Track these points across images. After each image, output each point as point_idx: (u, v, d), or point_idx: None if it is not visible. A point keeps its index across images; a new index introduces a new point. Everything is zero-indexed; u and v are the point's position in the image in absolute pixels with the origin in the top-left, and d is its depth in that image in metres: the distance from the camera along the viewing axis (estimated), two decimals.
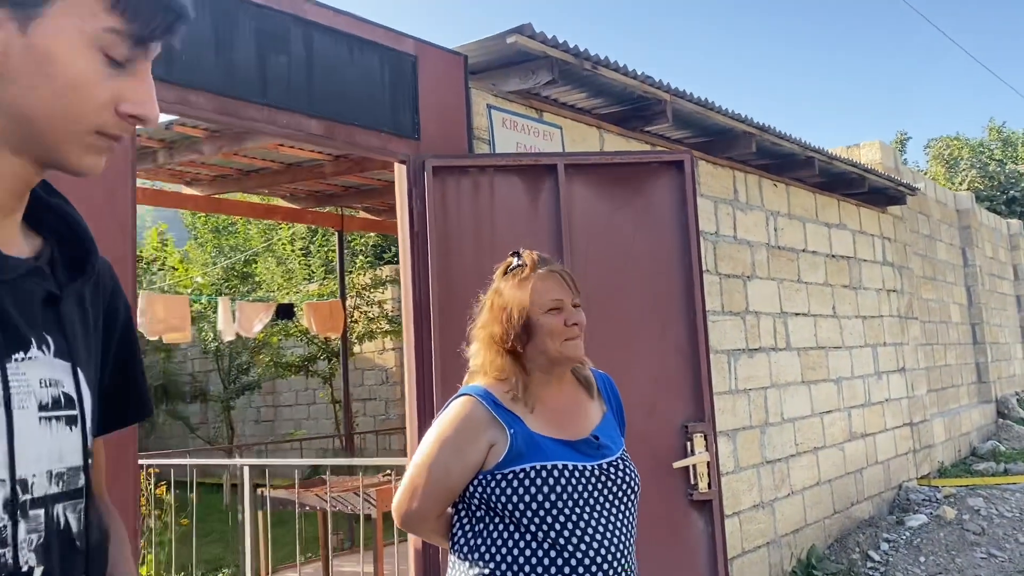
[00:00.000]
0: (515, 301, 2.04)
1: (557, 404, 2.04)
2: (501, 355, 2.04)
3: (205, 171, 7.25)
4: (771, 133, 6.07)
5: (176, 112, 3.00)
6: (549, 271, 2.07)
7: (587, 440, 2.00)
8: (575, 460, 1.95)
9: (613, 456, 2.01)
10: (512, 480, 1.93)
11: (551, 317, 2.01)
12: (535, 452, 1.94)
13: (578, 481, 1.93)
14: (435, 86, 3.96)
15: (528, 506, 1.90)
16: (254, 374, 12.21)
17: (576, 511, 1.91)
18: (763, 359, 6.36)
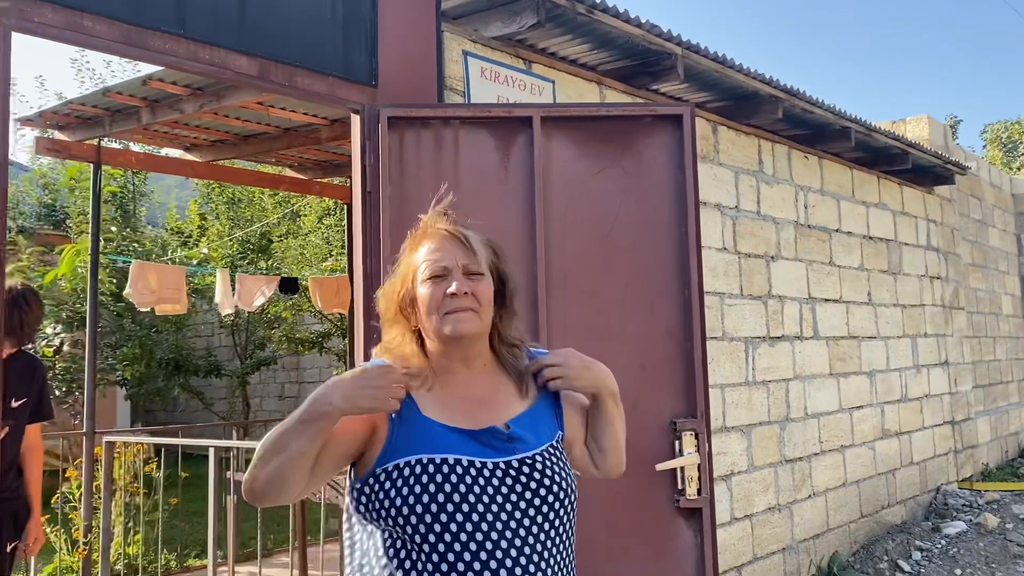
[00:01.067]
0: (405, 267, 1.65)
1: (467, 392, 1.61)
2: (401, 330, 1.65)
3: (204, 136, 6.89)
4: (801, 98, 5.48)
5: (67, 40, 2.56)
6: (436, 230, 1.64)
7: (492, 429, 1.56)
8: (474, 455, 1.52)
9: (529, 451, 1.56)
10: (386, 480, 1.50)
11: (429, 287, 1.59)
12: (419, 441, 1.52)
13: (474, 481, 1.49)
14: (399, 26, 3.48)
15: (406, 516, 1.47)
16: (270, 350, 11.91)
17: (471, 523, 1.47)
18: (786, 348, 5.79)
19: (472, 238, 1.64)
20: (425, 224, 1.68)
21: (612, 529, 3.23)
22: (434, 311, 1.57)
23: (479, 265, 1.61)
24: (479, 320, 1.59)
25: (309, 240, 10.88)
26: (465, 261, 1.60)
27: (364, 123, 3.31)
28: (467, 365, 1.63)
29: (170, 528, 7.18)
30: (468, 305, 1.57)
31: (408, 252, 1.67)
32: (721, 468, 5.11)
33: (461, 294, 1.56)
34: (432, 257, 1.60)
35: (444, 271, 1.58)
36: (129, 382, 10.36)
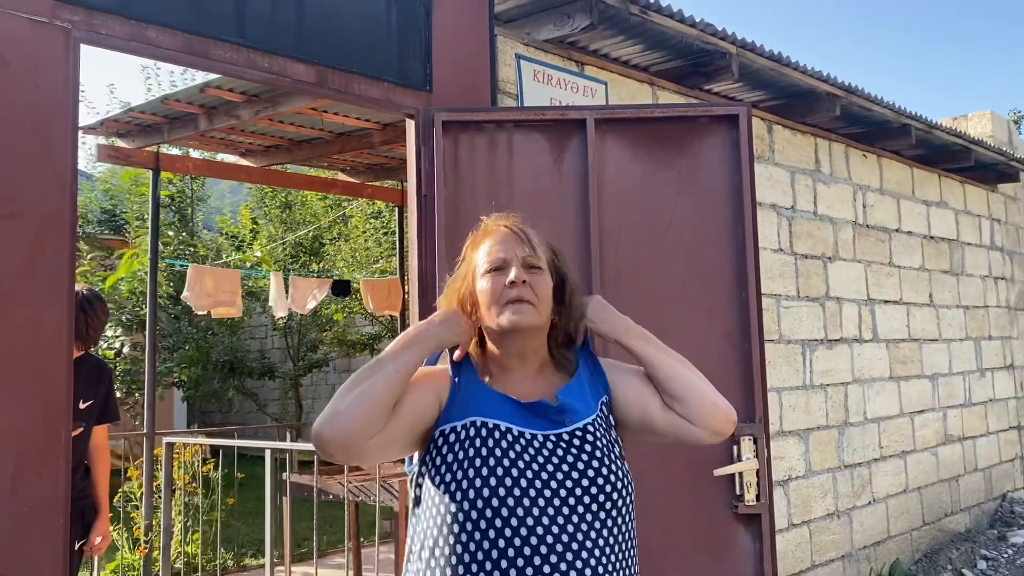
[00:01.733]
0: (464, 267, 1.68)
1: (522, 386, 1.62)
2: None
3: (258, 142, 7.02)
4: (859, 95, 5.36)
5: (131, 51, 2.62)
6: (495, 227, 1.67)
7: (541, 403, 1.56)
8: (524, 426, 1.53)
9: (580, 421, 1.55)
10: (443, 444, 1.53)
11: (489, 279, 1.60)
12: (475, 404, 1.54)
13: (524, 450, 1.49)
14: (453, 32, 3.49)
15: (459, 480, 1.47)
16: (322, 352, 12.06)
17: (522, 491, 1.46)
18: (844, 351, 5.68)
19: (531, 234, 1.66)
20: (486, 224, 1.70)
21: (669, 533, 3.20)
22: (493, 302, 1.58)
23: (538, 259, 1.62)
24: (536, 313, 1.58)
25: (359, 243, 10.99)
26: (524, 254, 1.61)
27: (419, 128, 3.32)
28: (523, 361, 1.63)
29: (227, 527, 7.30)
30: (526, 296, 1.57)
31: (468, 251, 1.69)
32: (778, 473, 5.02)
33: (520, 282, 1.56)
34: (492, 251, 1.62)
35: (503, 263, 1.59)
36: (186, 384, 10.57)
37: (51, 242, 2.37)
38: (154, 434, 6.20)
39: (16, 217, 2.31)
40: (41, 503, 2.32)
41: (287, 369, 12.06)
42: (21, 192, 2.33)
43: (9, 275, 2.29)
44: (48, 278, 2.35)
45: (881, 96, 5.56)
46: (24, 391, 2.30)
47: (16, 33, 2.36)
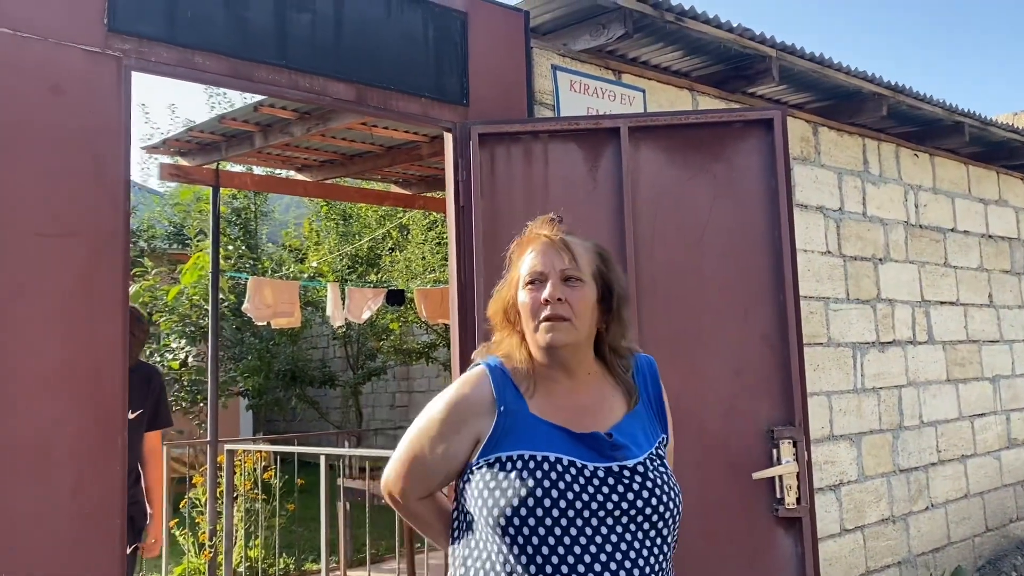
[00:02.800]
0: (510, 274, 1.67)
1: (569, 400, 1.61)
2: (507, 334, 1.66)
3: (313, 157, 7.21)
4: (907, 94, 5.28)
5: (179, 76, 2.77)
6: (537, 235, 1.64)
7: (595, 435, 1.55)
8: (576, 456, 1.52)
9: (632, 459, 1.55)
10: (487, 472, 1.52)
11: (527, 293, 1.59)
12: (524, 437, 1.53)
13: (574, 481, 1.49)
14: (489, 46, 3.58)
15: (502, 509, 1.47)
16: (380, 360, 12.26)
17: (569, 522, 1.47)
18: (897, 354, 5.59)
19: (574, 244, 1.62)
20: (530, 231, 1.67)
21: (709, 537, 3.21)
22: (531, 317, 1.57)
23: (579, 271, 1.58)
24: (574, 330, 1.56)
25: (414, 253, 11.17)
26: (563, 267, 1.57)
27: (456, 141, 3.42)
28: (569, 374, 1.61)
29: (288, 533, 7.50)
30: (562, 313, 1.55)
31: (514, 257, 1.67)
32: (829, 478, 4.97)
33: (554, 300, 1.54)
34: (531, 262, 1.60)
35: (541, 276, 1.57)
36: (249, 393, 10.86)
37: (106, 259, 2.52)
38: (217, 442, 6.41)
39: (73, 236, 2.47)
40: (99, 506, 2.46)
41: (348, 377, 12.30)
42: (77, 213, 2.48)
43: (67, 292, 2.44)
44: (103, 294, 2.50)
45: (931, 94, 5.47)
46: (82, 401, 2.45)
47: (71, 63, 2.52)
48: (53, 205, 2.46)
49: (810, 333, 4.92)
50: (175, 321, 9.35)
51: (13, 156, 2.42)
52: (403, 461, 1.66)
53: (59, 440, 2.39)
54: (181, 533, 6.72)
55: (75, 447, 2.42)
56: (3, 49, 2.43)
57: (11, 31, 2.45)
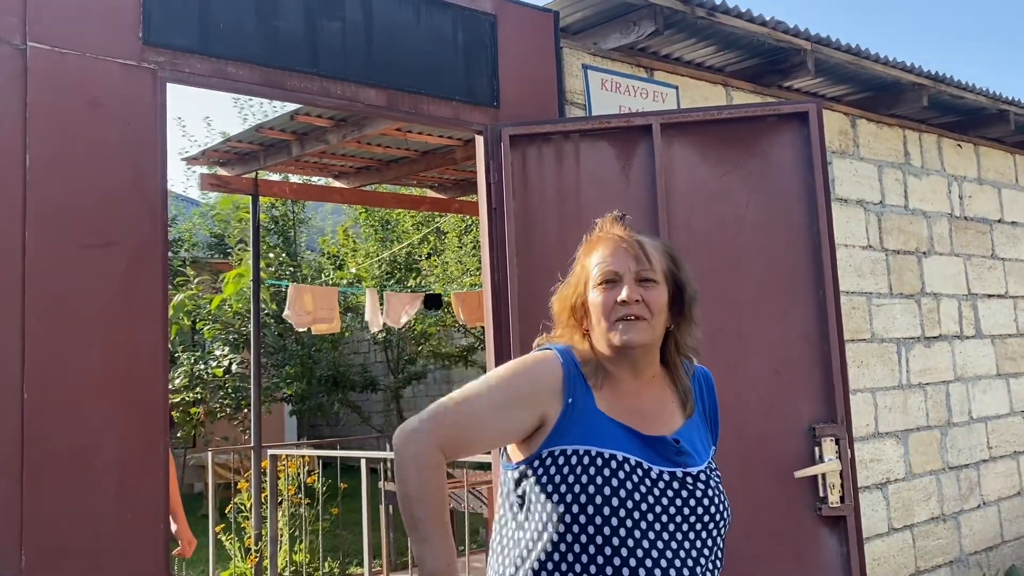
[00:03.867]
0: (578, 272, 1.64)
1: (633, 401, 1.59)
2: (571, 332, 1.64)
3: (349, 164, 7.28)
4: (948, 84, 5.17)
5: (213, 87, 2.81)
6: (610, 236, 1.61)
7: (663, 439, 1.54)
8: (643, 457, 1.51)
9: (695, 467, 1.55)
10: (551, 464, 1.49)
11: (600, 292, 1.57)
12: (590, 432, 1.51)
13: (640, 483, 1.48)
14: (518, 47, 3.58)
15: (569, 504, 1.45)
16: (420, 364, 12.34)
17: (633, 524, 1.46)
18: (944, 349, 5.47)
19: (647, 244, 1.61)
20: (600, 229, 1.65)
21: (751, 537, 3.16)
22: (604, 318, 1.54)
23: (653, 272, 1.57)
24: (650, 329, 1.55)
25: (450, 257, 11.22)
26: (638, 267, 1.56)
27: (487, 143, 3.42)
28: (636, 375, 1.59)
29: (333, 537, 7.57)
30: (639, 313, 1.53)
31: (582, 257, 1.64)
32: (876, 476, 4.87)
33: (632, 301, 1.52)
34: (604, 262, 1.57)
35: (615, 276, 1.55)
36: (292, 399, 10.99)
37: (145, 268, 2.56)
38: (261, 447, 6.50)
39: (113, 246, 2.52)
40: (143, 511, 2.51)
41: (389, 382, 12.39)
42: (116, 223, 2.53)
43: (108, 300, 2.49)
44: (143, 302, 2.55)
45: (973, 83, 5.35)
46: (125, 407, 2.49)
47: (108, 76, 2.57)
48: (94, 216, 2.51)
49: (852, 329, 4.84)
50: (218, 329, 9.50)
51: (55, 170, 2.47)
52: (454, 405, 1.53)
53: (103, 446, 2.44)
54: (227, 538, 6.82)
55: (119, 453, 2.47)
56: (43, 65, 2.49)
57: (50, 47, 2.50)
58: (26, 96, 2.45)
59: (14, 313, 2.37)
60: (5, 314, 2.36)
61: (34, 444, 2.36)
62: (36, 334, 2.39)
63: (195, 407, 9.56)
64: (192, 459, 11.22)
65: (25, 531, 2.32)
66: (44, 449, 2.37)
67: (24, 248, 2.40)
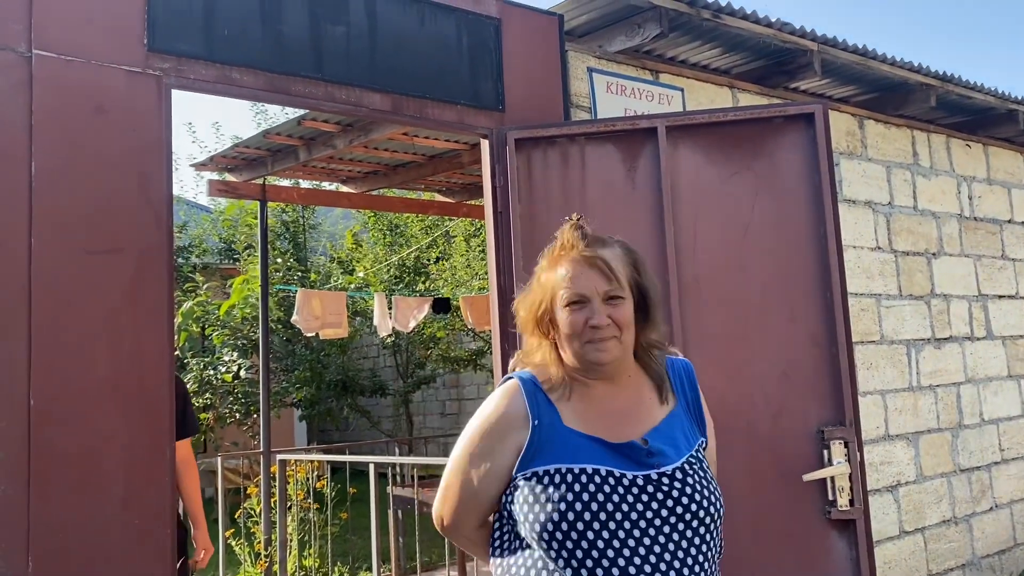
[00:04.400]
0: (543, 286, 1.63)
1: (606, 405, 1.61)
2: (539, 341, 1.65)
3: (357, 168, 7.29)
4: (956, 84, 5.15)
5: (217, 93, 2.82)
6: (575, 256, 1.60)
7: (631, 444, 1.55)
8: (613, 466, 1.52)
9: (670, 465, 1.55)
10: (525, 486, 1.53)
11: (568, 313, 1.58)
12: (559, 450, 1.53)
13: (613, 491, 1.49)
14: (523, 50, 3.58)
15: (544, 524, 1.48)
16: (429, 368, 12.33)
17: (611, 534, 1.46)
18: (954, 350, 5.43)
19: (612, 260, 1.59)
20: (562, 243, 1.63)
21: (760, 540, 3.15)
22: (576, 338, 1.57)
23: (620, 288, 1.58)
24: (619, 345, 1.58)
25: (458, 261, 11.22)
26: (605, 287, 1.57)
27: (493, 146, 3.42)
28: (608, 380, 1.62)
29: (343, 542, 7.57)
30: (609, 334, 1.56)
31: (546, 269, 1.64)
32: (887, 478, 4.84)
33: (603, 325, 1.55)
34: (571, 284, 1.57)
35: (584, 298, 1.56)
36: (301, 403, 11.00)
37: (150, 274, 2.57)
38: (270, 452, 6.51)
39: (118, 252, 2.52)
40: (150, 515, 2.51)
41: (398, 386, 12.39)
42: (122, 229, 2.54)
43: (114, 306, 2.50)
44: (149, 308, 2.55)
45: (982, 83, 5.32)
46: (130, 413, 2.50)
47: (113, 83, 2.58)
48: (99, 222, 2.52)
49: (861, 331, 4.82)
50: (227, 335, 9.52)
51: (61, 176, 2.48)
52: (452, 491, 1.65)
53: (109, 452, 2.45)
54: (237, 543, 6.82)
55: (124, 459, 2.47)
56: (49, 72, 2.50)
57: (56, 55, 2.52)
58: (32, 103, 2.46)
59: (20, 319, 2.38)
60: (12, 320, 2.37)
61: (40, 449, 2.36)
62: (42, 340, 2.40)
63: (205, 412, 9.58)
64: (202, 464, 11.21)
65: (32, 535, 2.33)
66: (50, 454, 2.38)
67: (30, 254, 2.41)
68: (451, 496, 1.65)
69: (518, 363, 1.70)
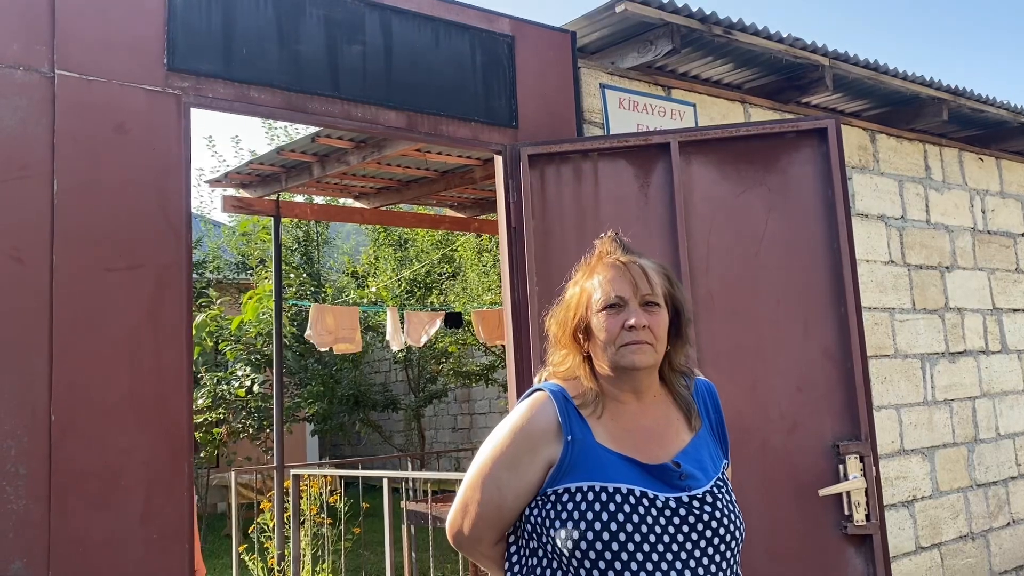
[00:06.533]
0: (578, 294, 1.63)
1: (636, 423, 1.60)
2: (570, 354, 1.64)
3: (370, 184, 7.33)
4: (968, 97, 5.15)
5: (235, 111, 2.86)
6: (613, 261, 1.61)
7: (664, 466, 1.54)
8: (647, 487, 1.51)
9: (700, 488, 1.54)
10: (557, 502, 1.51)
11: (605, 317, 1.57)
12: (593, 468, 1.52)
13: (647, 513, 1.48)
14: (536, 68, 3.61)
15: (576, 542, 1.46)
16: (441, 383, 12.34)
17: (644, 556, 1.46)
18: (969, 364, 5.41)
19: (649, 268, 1.61)
20: (600, 251, 1.64)
21: (775, 556, 3.14)
22: (611, 343, 1.55)
23: (656, 296, 1.58)
24: (655, 353, 1.56)
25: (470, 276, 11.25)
26: (643, 292, 1.57)
27: (506, 163, 3.44)
28: (638, 396, 1.61)
29: (355, 557, 7.57)
30: (645, 339, 1.54)
31: (583, 278, 1.64)
32: (902, 493, 4.82)
33: (640, 327, 1.54)
34: (609, 287, 1.57)
35: (621, 301, 1.56)
36: (314, 418, 11.02)
37: (170, 291, 2.60)
38: (283, 467, 6.52)
39: (138, 268, 2.55)
40: (168, 530, 2.53)
41: (410, 401, 12.40)
42: (142, 246, 2.57)
43: (134, 323, 2.53)
44: (168, 324, 2.58)
45: (994, 96, 5.32)
46: (150, 429, 2.52)
47: (134, 103, 2.62)
48: (120, 239, 2.55)
49: (875, 345, 4.81)
50: (240, 350, 9.55)
51: (83, 194, 2.52)
52: (473, 504, 1.60)
53: (128, 467, 2.47)
54: (250, 558, 6.83)
55: (144, 474, 2.49)
56: (71, 92, 2.54)
57: (77, 75, 2.56)
58: (54, 122, 2.50)
59: (42, 335, 2.41)
60: (33, 336, 2.40)
61: (61, 465, 2.39)
62: (63, 356, 2.43)
63: (218, 427, 9.62)
64: (215, 479, 11.27)
65: (52, 551, 2.35)
66: (70, 470, 2.40)
67: (52, 271, 2.44)
68: (472, 509, 1.60)
69: (544, 375, 1.67)
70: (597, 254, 1.65)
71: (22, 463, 2.34)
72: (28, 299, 2.41)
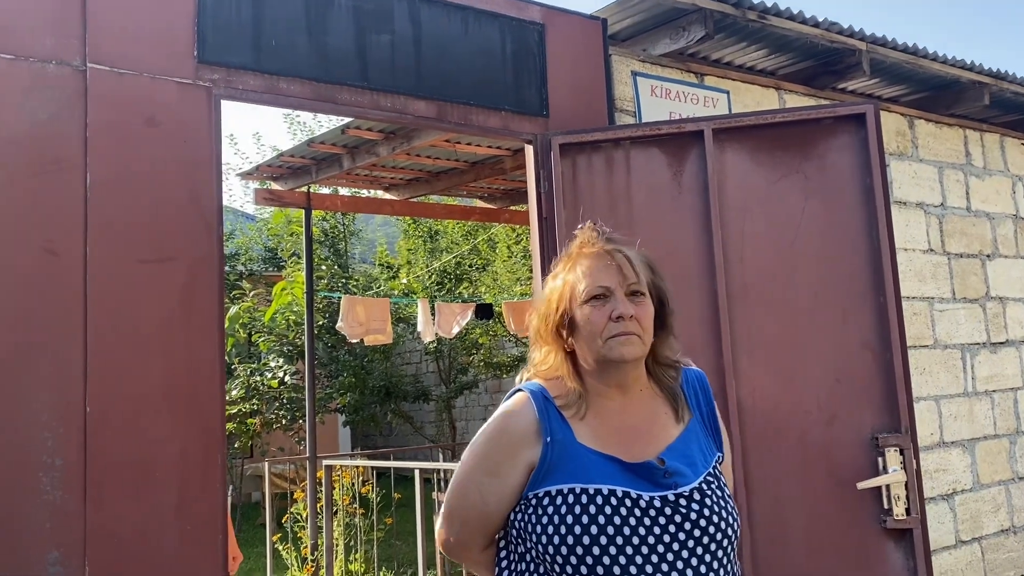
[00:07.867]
0: (560, 287, 1.58)
1: (621, 420, 1.54)
2: (552, 351, 1.58)
3: (400, 175, 7.33)
4: (1011, 81, 5.01)
5: (265, 103, 2.85)
6: (596, 250, 1.56)
7: (648, 464, 1.49)
8: (629, 486, 1.46)
9: (687, 486, 1.49)
10: (538, 506, 1.47)
11: (590, 309, 1.51)
12: (573, 469, 1.48)
13: (630, 514, 1.43)
14: (567, 55, 3.56)
15: (557, 546, 1.43)
16: (471, 374, 12.36)
17: (628, 559, 1.41)
18: (1011, 354, 5.28)
19: (632, 257, 1.56)
20: (581, 243, 1.59)
21: (812, 550, 3.09)
22: (597, 335, 1.50)
23: (640, 285, 1.53)
24: (642, 344, 1.52)
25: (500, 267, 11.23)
26: (629, 281, 1.52)
27: (537, 152, 3.41)
28: (623, 391, 1.56)
29: (388, 547, 7.61)
30: (633, 330, 1.49)
31: (564, 271, 1.59)
32: (942, 487, 4.73)
33: (628, 318, 1.49)
34: (593, 277, 1.52)
35: (606, 291, 1.51)
36: (346, 409, 11.09)
37: (202, 283, 2.60)
38: (316, 458, 6.56)
39: (171, 261, 2.56)
40: (203, 521, 2.54)
41: (441, 392, 12.43)
42: (174, 238, 2.58)
43: (167, 315, 2.54)
44: (201, 317, 2.58)
45: None
46: (183, 420, 2.53)
47: (165, 96, 2.62)
48: (152, 232, 2.56)
49: (914, 335, 4.71)
50: (273, 341, 9.63)
51: (115, 186, 2.53)
52: (458, 511, 1.59)
53: (162, 459, 2.48)
54: (284, 547, 6.90)
55: (178, 465, 2.51)
56: (103, 86, 2.55)
57: (109, 68, 2.56)
58: (86, 116, 2.51)
59: (77, 327, 2.42)
60: (69, 328, 2.42)
61: (96, 456, 2.41)
62: (98, 348, 2.44)
63: (251, 418, 9.71)
64: (249, 469, 11.39)
65: (88, 542, 2.37)
66: (106, 461, 2.42)
67: (86, 264, 2.46)
68: (457, 516, 1.58)
69: (527, 375, 1.64)
70: (578, 244, 1.60)
71: (58, 455, 2.36)
72: (63, 291, 2.43)
